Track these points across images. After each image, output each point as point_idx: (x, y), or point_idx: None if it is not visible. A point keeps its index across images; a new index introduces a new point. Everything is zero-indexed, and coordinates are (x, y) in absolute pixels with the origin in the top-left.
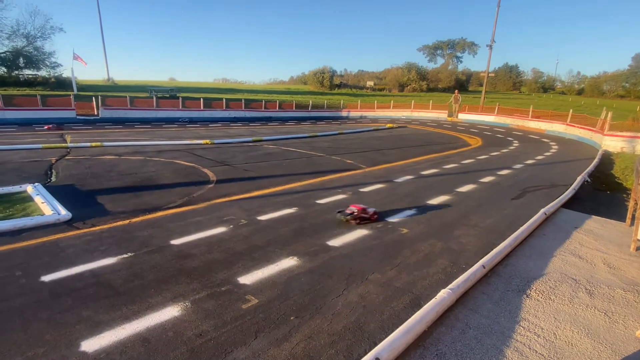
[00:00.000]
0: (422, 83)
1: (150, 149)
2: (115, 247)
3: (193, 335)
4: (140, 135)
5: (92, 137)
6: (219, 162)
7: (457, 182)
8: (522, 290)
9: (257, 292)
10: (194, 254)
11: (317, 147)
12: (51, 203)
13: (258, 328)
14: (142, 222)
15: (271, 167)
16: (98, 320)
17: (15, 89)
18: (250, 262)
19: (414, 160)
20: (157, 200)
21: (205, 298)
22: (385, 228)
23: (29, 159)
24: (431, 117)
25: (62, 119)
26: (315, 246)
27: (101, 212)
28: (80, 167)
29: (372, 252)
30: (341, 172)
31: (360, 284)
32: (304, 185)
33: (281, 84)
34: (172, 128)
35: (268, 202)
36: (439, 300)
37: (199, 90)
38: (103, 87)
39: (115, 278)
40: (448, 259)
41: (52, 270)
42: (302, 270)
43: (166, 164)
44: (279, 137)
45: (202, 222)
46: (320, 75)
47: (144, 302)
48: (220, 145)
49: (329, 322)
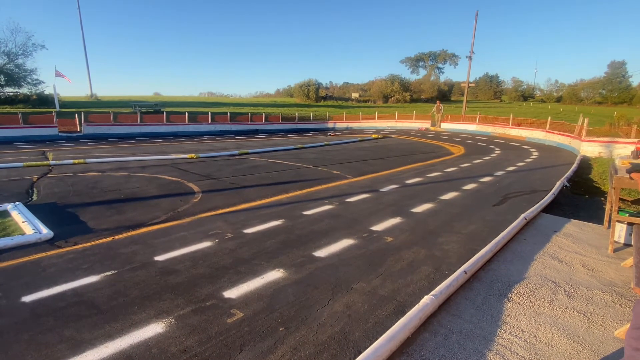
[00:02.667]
0: (406, 94)
1: (134, 164)
2: (98, 265)
3: (177, 351)
4: (124, 151)
5: (75, 154)
6: (205, 175)
7: (440, 190)
8: (503, 295)
9: (243, 305)
10: (179, 270)
11: (304, 158)
12: (32, 222)
13: (243, 342)
14: (126, 238)
15: (258, 179)
16: (80, 339)
17: None
18: (235, 275)
19: (398, 169)
20: (141, 216)
21: (189, 313)
22: (371, 237)
23: (9, 178)
24: (415, 127)
25: (44, 137)
26: (301, 257)
27: (84, 230)
28: (62, 184)
29: (357, 261)
30: (328, 183)
31: (346, 293)
32: (290, 197)
33: (267, 96)
34: (156, 143)
35: (254, 214)
36: (422, 306)
37: (184, 105)
38: (86, 103)
39: (98, 296)
40: (431, 265)
41: (33, 290)
42: (288, 282)
43: (150, 179)
44: (266, 150)
45: (187, 237)
46: (306, 88)
47: (127, 319)
48: (205, 159)
49: (314, 332)
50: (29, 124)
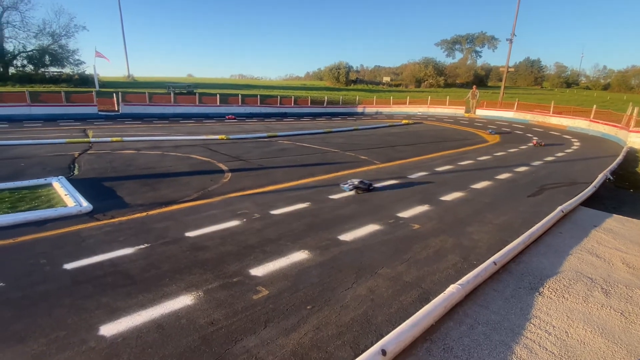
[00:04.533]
0: (440, 78)
1: (168, 143)
2: (133, 238)
3: (205, 323)
4: (158, 131)
5: (113, 132)
6: (234, 157)
7: (472, 179)
8: (534, 288)
9: (268, 283)
10: (208, 246)
11: (332, 143)
12: (74, 195)
13: (268, 318)
14: (159, 214)
15: (285, 162)
16: (116, 306)
17: (41, 86)
18: (262, 254)
19: (429, 156)
20: (173, 193)
21: (217, 288)
22: (397, 224)
23: (53, 153)
24: (448, 113)
25: (84, 115)
26: (326, 240)
27: (120, 204)
28: (101, 161)
29: (383, 247)
30: (355, 168)
31: (370, 278)
32: (317, 181)
33: (297, 79)
34: (189, 123)
35: (281, 196)
36: (448, 295)
37: (216, 86)
38: (123, 83)
39: (132, 267)
40: (459, 255)
41: (74, 259)
42: (313, 264)
43: (183, 158)
44: (294, 133)
45: (216, 216)
46: (336, 71)
47: (159, 290)
48: (235, 140)
49: (337, 313)
50: (71, 103)
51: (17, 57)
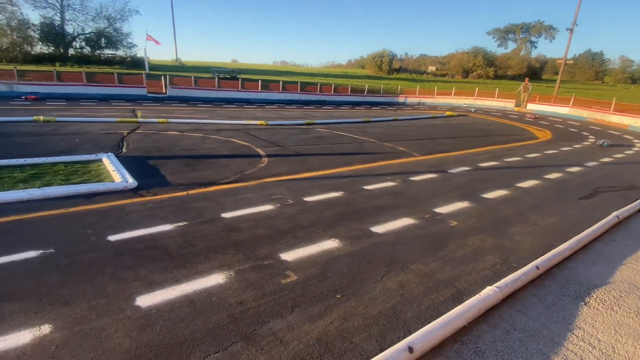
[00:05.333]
0: (489, 69)
1: (210, 127)
2: (173, 215)
3: (234, 303)
4: (202, 114)
5: (159, 114)
6: (272, 142)
7: (518, 177)
8: (579, 297)
9: (297, 269)
10: (242, 228)
11: (370, 132)
12: (120, 171)
13: (295, 303)
14: (198, 194)
15: (321, 150)
16: (152, 279)
17: (97, 67)
18: (293, 240)
19: (472, 151)
20: (212, 175)
21: (248, 270)
22: (433, 219)
23: (105, 131)
24: (496, 106)
25: (134, 96)
26: (358, 231)
27: (163, 182)
28: (147, 140)
29: (417, 241)
30: (392, 159)
31: (401, 272)
32: (352, 170)
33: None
34: (231, 108)
35: (315, 184)
36: (483, 297)
37: (258, 72)
38: (171, 67)
39: (170, 243)
40: (498, 255)
41: (118, 232)
42: (343, 253)
43: (223, 142)
44: (332, 121)
45: (252, 199)
46: (379, 59)
47: (193, 267)
48: (274, 126)
49: (364, 305)
50: (122, 84)
51: (76, 39)
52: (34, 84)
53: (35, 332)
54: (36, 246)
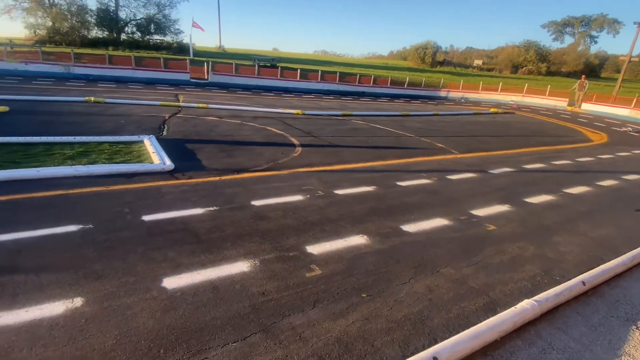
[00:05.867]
0: (541, 65)
1: (247, 114)
2: (205, 200)
3: (257, 292)
4: (241, 101)
5: (200, 99)
6: (306, 132)
7: (567, 182)
8: (631, 320)
9: (322, 263)
10: (270, 217)
11: (408, 127)
12: (160, 153)
13: (317, 298)
14: (231, 180)
15: (356, 142)
16: (180, 262)
17: (145, 52)
18: (320, 233)
19: (516, 151)
20: (246, 162)
21: (273, 260)
22: (469, 221)
23: (148, 114)
24: (547, 104)
25: (178, 81)
26: (388, 228)
27: (198, 166)
28: (187, 124)
29: (450, 244)
30: (429, 156)
31: (430, 275)
32: (386, 165)
33: (379, 58)
34: (269, 96)
35: (347, 177)
36: (520, 310)
37: (298, 61)
38: (214, 53)
39: (199, 227)
40: (539, 266)
41: (152, 212)
42: (371, 250)
43: (259, 129)
44: (369, 113)
45: (282, 188)
46: (422, 51)
47: (220, 253)
48: (310, 116)
49: (389, 307)
50: (167, 69)
51: (128, 25)
52: (88, 67)
53: (68, 304)
54: (77, 221)
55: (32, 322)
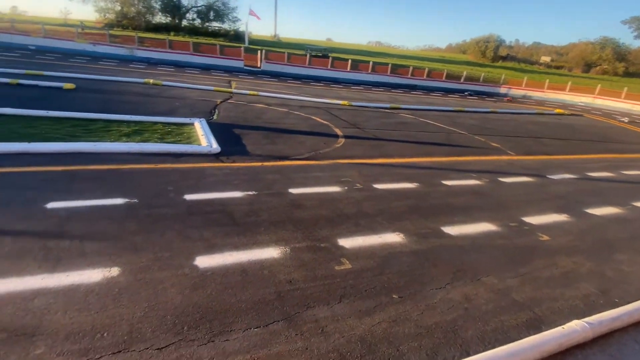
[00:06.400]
0: (618, 65)
1: (295, 103)
2: (245, 184)
3: (284, 280)
4: (290, 90)
5: (251, 87)
6: (351, 124)
7: (637, 194)
8: None
9: (353, 258)
10: (305, 206)
11: (460, 123)
12: (208, 136)
13: (344, 293)
14: (272, 167)
15: (402, 136)
16: (214, 242)
17: (204, 38)
18: (354, 227)
19: (581, 156)
20: (288, 150)
21: (304, 249)
22: (520, 229)
23: (201, 98)
24: (622, 108)
25: (232, 68)
26: (427, 228)
27: (242, 151)
28: (236, 110)
29: (495, 251)
30: (481, 155)
31: (469, 283)
32: (433, 162)
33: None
34: (318, 86)
35: (389, 171)
36: (568, 331)
37: (350, 52)
38: (269, 42)
39: (236, 210)
40: (596, 285)
41: (194, 192)
42: (406, 250)
43: (304, 118)
44: (419, 107)
45: (321, 178)
46: (484, 45)
47: (253, 237)
48: (357, 107)
49: (419, 312)
50: (223, 56)
51: (190, 11)
52: (149, 50)
53: (105, 273)
54: (124, 194)
55: (71, 287)
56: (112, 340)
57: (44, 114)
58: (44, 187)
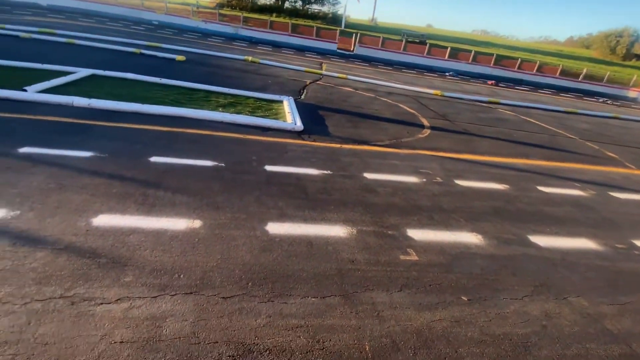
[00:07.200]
0: None
1: (383, 89)
2: (321, 163)
3: (346, 259)
4: (380, 75)
5: (341, 70)
6: (440, 115)
7: None
8: None
9: (421, 250)
10: (378, 192)
11: (570, 126)
12: (293, 114)
13: (406, 283)
14: (349, 150)
15: (496, 133)
16: (285, 212)
17: (302, 20)
18: (426, 220)
19: None
20: (368, 135)
21: (370, 233)
22: (628, 252)
23: (292, 78)
24: None
25: (325, 50)
26: (510, 234)
27: (324, 132)
28: (323, 92)
29: (591, 272)
30: (591, 164)
31: (552, 300)
32: (528, 165)
33: (553, 44)
34: (409, 74)
35: (475, 169)
36: None
37: (451, 40)
38: (365, 26)
39: (310, 186)
40: None
41: (274, 164)
42: (482, 253)
43: (390, 105)
44: (521, 104)
45: (398, 167)
46: (615, 40)
47: (322, 214)
48: (449, 98)
49: (488, 319)
50: (318, 38)
51: None
52: (252, 29)
53: (189, 224)
54: (214, 158)
55: (159, 231)
56: (186, 281)
57: (157, 81)
58: (150, 143)
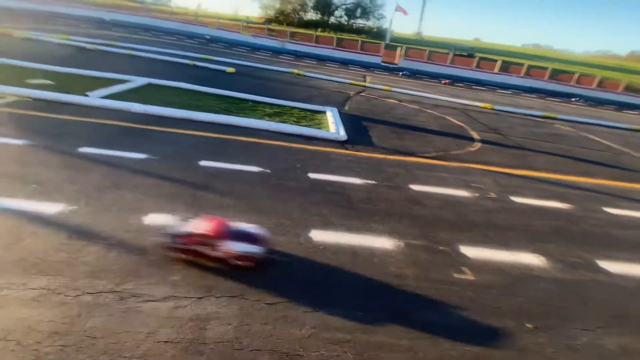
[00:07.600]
0: None
1: (428, 101)
2: (366, 173)
3: (393, 273)
4: (425, 88)
5: (385, 82)
6: (491, 128)
7: None
8: None
9: (477, 270)
10: (425, 204)
11: (637, 144)
12: (337, 125)
13: (461, 304)
14: (395, 160)
15: (554, 149)
16: (329, 220)
17: (347, 35)
18: (480, 237)
19: None
20: (414, 146)
21: (419, 247)
22: None
23: (336, 90)
24: None
25: (369, 63)
26: (577, 258)
27: (367, 142)
28: (367, 104)
29: None
30: None
31: (631, 333)
32: (592, 184)
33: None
34: (458, 86)
35: (532, 185)
36: None
37: (501, 53)
38: (410, 40)
39: (354, 195)
40: None
41: (318, 172)
42: (546, 276)
43: (436, 117)
44: (580, 120)
45: (447, 180)
46: None
47: (367, 223)
48: (500, 112)
49: (555, 350)
50: (362, 51)
51: (338, 9)
52: (298, 44)
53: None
54: (260, 164)
55: None
56: (231, 284)
57: (208, 91)
58: (200, 148)
